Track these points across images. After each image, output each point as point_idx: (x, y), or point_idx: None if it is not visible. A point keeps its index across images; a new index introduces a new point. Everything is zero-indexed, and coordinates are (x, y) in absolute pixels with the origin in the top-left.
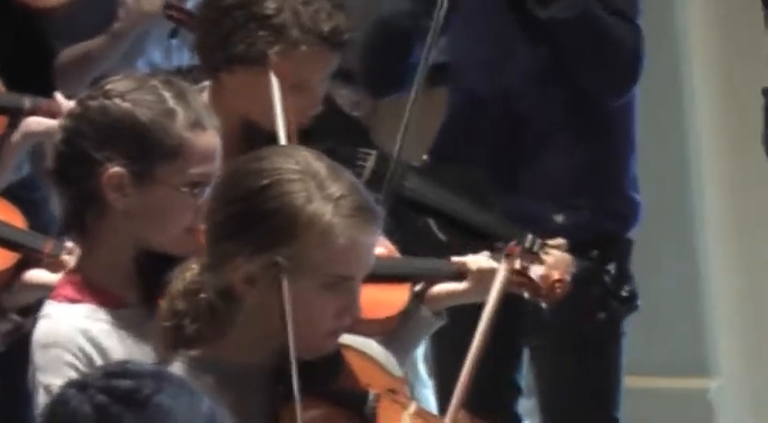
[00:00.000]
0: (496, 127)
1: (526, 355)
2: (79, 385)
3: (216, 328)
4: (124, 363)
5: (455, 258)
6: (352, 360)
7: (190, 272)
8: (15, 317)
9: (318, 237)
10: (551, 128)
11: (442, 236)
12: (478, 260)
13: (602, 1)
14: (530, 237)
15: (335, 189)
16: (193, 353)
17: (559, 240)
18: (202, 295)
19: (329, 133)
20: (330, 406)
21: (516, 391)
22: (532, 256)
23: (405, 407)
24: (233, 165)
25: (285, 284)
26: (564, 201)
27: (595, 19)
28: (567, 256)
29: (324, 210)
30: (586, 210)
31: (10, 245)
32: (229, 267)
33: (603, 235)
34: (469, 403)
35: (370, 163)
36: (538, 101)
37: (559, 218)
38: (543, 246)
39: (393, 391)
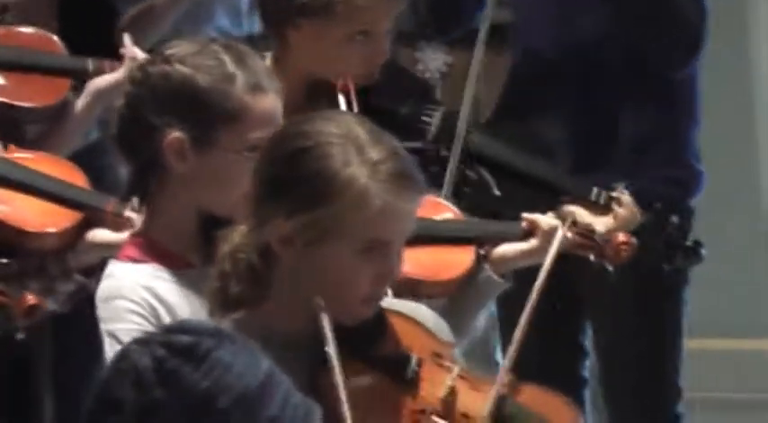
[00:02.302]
0: (558, 90)
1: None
2: (141, 341)
3: (256, 289)
4: (185, 321)
5: (525, 215)
6: (397, 325)
7: (237, 233)
8: (79, 277)
9: (354, 200)
10: (613, 94)
11: (497, 192)
12: (549, 220)
13: None
14: (595, 189)
15: (374, 154)
16: (238, 316)
17: (624, 191)
18: (241, 255)
19: (394, 92)
20: (370, 370)
21: (582, 354)
22: (595, 207)
23: (449, 370)
24: (279, 128)
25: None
26: (625, 167)
27: None
28: (632, 206)
29: (360, 173)
30: (647, 177)
31: (73, 204)
32: (268, 227)
33: (665, 201)
34: (534, 367)
35: (435, 119)
36: (599, 66)
37: (620, 185)
38: (609, 198)
39: (438, 355)
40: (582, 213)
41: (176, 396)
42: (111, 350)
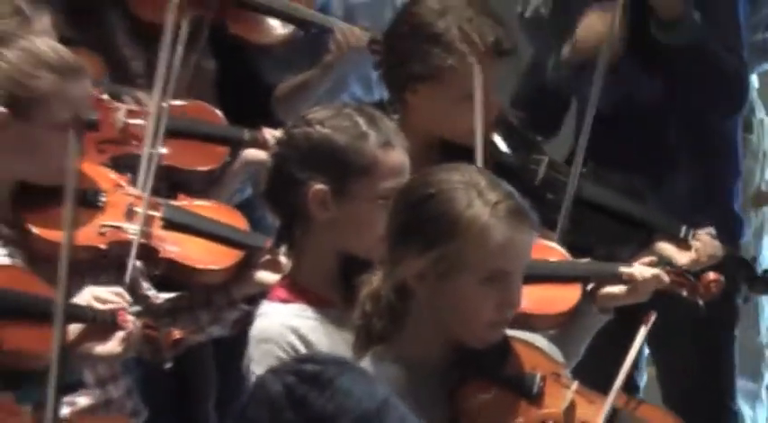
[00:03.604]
0: (623, 148)
1: None
2: (274, 370)
3: (395, 323)
4: (314, 352)
5: (623, 269)
6: (519, 348)
7: (376, 276)
8: (244, 306)
9: (477, 235)
10: (672, 149)
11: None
12: (643, 271)
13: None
14: (683, 227)
15: (493, 196)
16: (380, 348)
17: (708, 229)
18: (381, 294)
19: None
20: (499, 387)
21: (633, 390)
22: (683, 243)
23: (567, 386)
24: (407, 180)
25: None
26: (684, 218)
27: (712, 53)
28: (714, 241)
29: (482, 212)
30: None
31: (235, 244)
32: (402, 267)
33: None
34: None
35: (542, 167)
36: (658, 125)
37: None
38: (694, 235)
39: (557, 374)
40: (671, 249)
41: (304, 418)
42: None
